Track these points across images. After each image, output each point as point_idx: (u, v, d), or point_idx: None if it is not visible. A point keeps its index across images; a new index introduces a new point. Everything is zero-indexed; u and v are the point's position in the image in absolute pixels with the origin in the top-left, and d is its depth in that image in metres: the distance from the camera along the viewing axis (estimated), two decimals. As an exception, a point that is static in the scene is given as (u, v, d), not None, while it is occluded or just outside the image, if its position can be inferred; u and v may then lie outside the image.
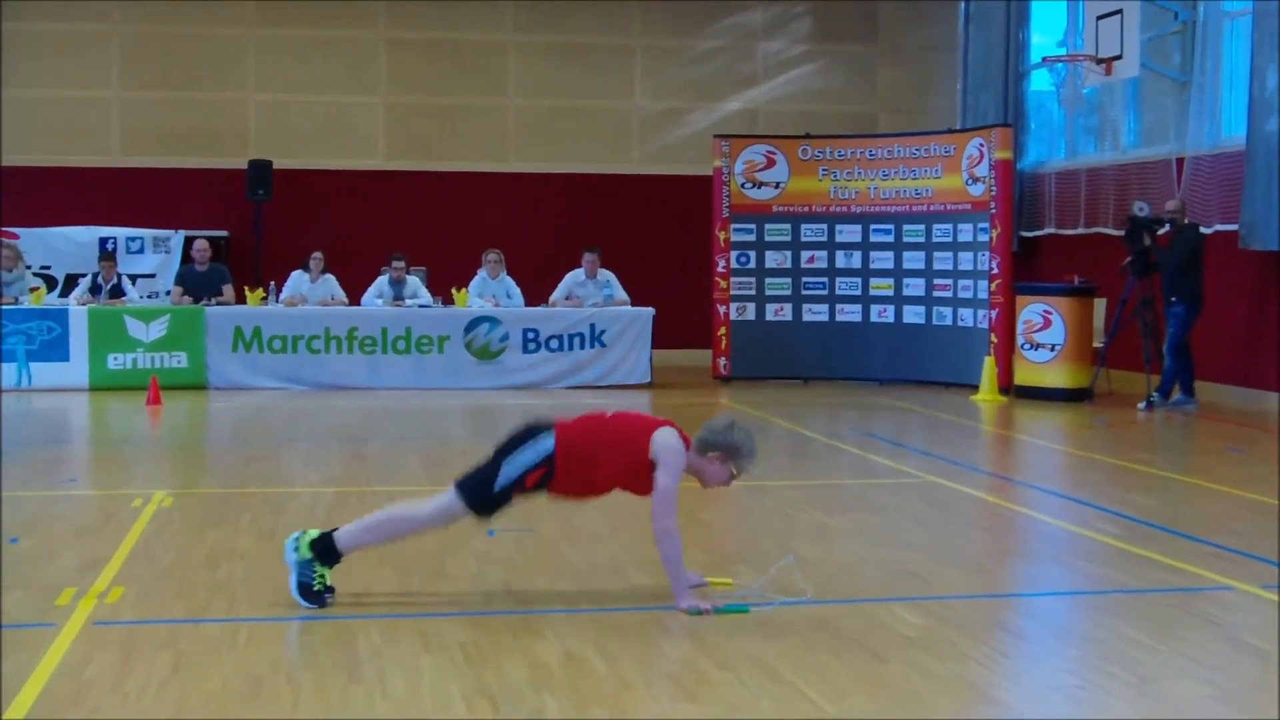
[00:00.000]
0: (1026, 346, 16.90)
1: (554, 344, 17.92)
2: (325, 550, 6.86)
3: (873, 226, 18.89)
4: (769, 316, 19.12)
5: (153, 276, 20.48)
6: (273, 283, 18.39)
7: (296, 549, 6.86)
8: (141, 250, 20.71)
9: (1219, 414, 15.39)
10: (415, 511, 6.99)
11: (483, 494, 6.83)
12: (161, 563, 7.84)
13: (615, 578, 7.50)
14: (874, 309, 18.92)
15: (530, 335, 17.88)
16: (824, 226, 19.08)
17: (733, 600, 6.92)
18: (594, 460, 6.83)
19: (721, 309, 19.04)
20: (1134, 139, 18.62)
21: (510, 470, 6.80)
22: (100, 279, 17.99)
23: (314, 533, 6.94)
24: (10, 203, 20.75)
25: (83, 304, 17.51)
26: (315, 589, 6.83)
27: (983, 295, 17.66)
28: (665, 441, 6.82)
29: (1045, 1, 20.48)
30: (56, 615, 6.64)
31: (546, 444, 6.81)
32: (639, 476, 6.85)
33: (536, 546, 8.22)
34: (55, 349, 17.06)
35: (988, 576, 8.00)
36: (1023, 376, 17.03)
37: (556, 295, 18.40)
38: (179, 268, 19.70)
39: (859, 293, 18.99)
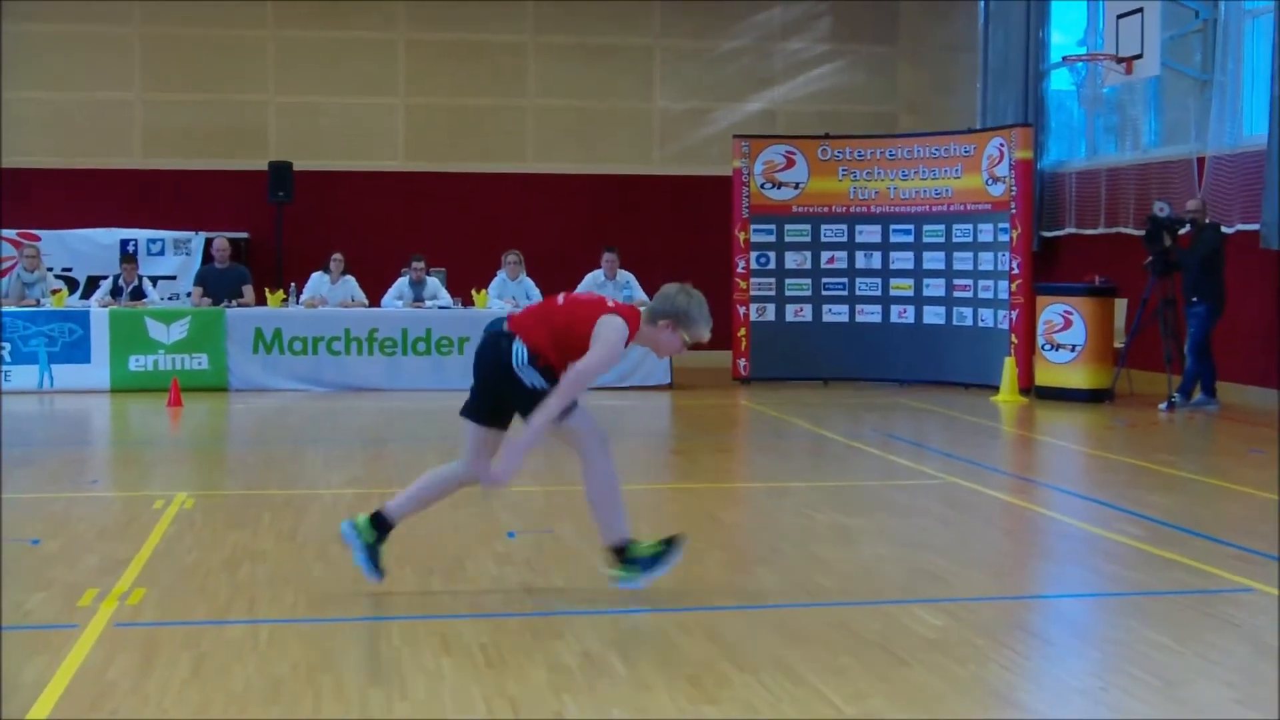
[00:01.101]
0: (1047, 347, 16.86)
1: (574, 345, 17.89)
2: (378, 523, 7.08)
3: (893, 227, 18.87)
4: (789, 317, 19.10)
5: (174, 278, 20.53)
6: (293, 284, 18.43)
7: (358, 532, 7.05)
8: (162, 252, 20.77)
9: (1241, 415, 15.33)
10: (453, 470, 7.14)
11: (539, 398, 6.76)
12: (183, 564, 7.86)
13: (635, 579, 7.49)
14: (894, 310, 18.89)
15: (550, 336, 17.85)
16: (844, 227, 19.05)
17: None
18: (554, 345, 6.79)
19: (741, 310, 19.02)
20: (1155, 138, 18.56)
21: (529, 374, 6.76)
22: (121, 281, 18.04)
23: (362, 518, 7.11)
24: (32, 205, 20.84)
25: (104, 306, 17.56)
26: (378, 562, 7.08)
27: (1003, 296, 17.63)
28: (606, 323, 6.73)
29: (1065, 1, 20.42)
30: (79, 616, 6.66)
31: (511, 338, 6.81)
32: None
33: (555, 548, 8.22)
34: (77, 351, 17.12)
35: (1008, 578, 7.98)
36: (1043, 377, 16.99)
37: (576, 296, 18.37)
38: (199, 268, 19.75)
39: (879, 293, 18.97)
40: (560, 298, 7.06)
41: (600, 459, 6.94)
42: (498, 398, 6.90)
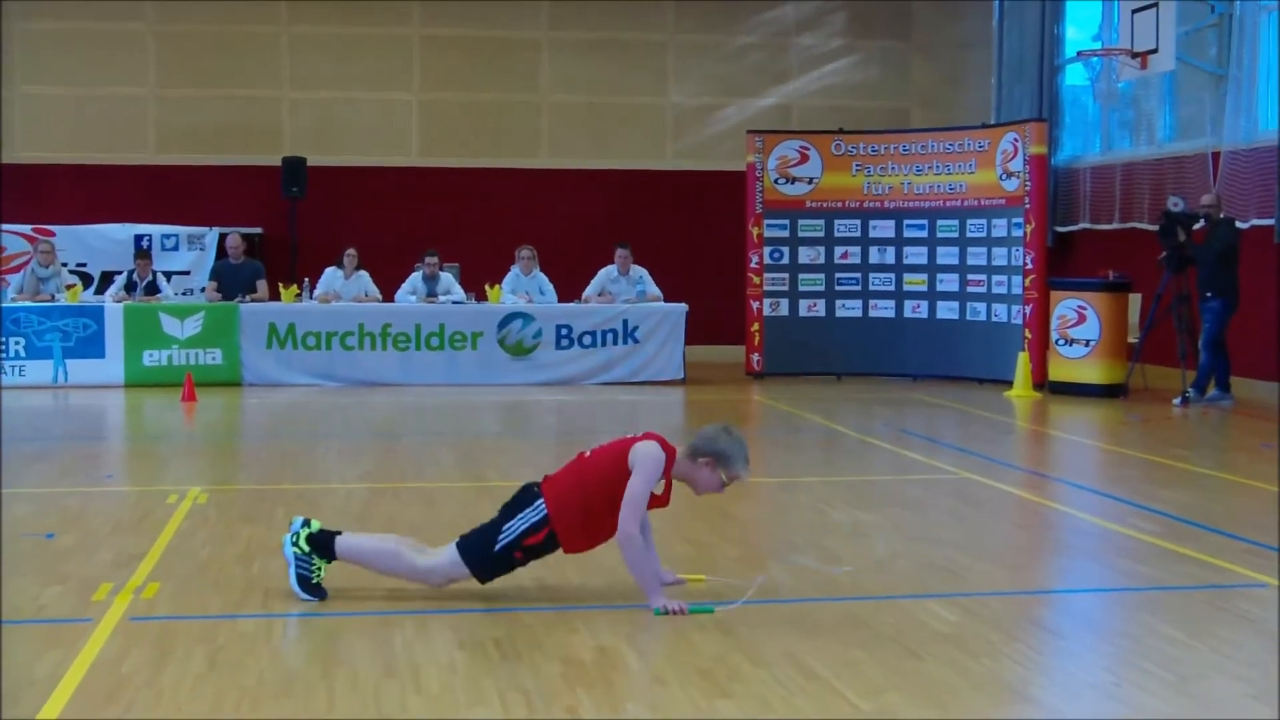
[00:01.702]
0: (1061, 342, 16.84)
1: (587, 340, 17.93)
2: (323, 547, 6.94)
3: (906, 222, 18.84)
4: (802, 312, 19.09)
5: (187, 274, 20.57)
6: (307, 279, 18.44)
7: (295, 543, 6.92)
8: (176, 248, 20.81)
9: (1255, 410, 15.30)
10: (414, 561, 6.97)
11: (483, 555, 6.85)
12: (197, 558, 7.87)
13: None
14: (908, 304, 18.87)
15: (563, 331, 17.90)
16: (857, 222, 19.03)
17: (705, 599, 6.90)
18: (589, 508, 6.80)
19: (754, 305, 19.01)
20: (1169, 133, 18.53)
21: (509, 533, 6.82)
22: (135, 276, 18.06)
23: (315, 526, 7.00)
24: (47, 200, 20.90)
25: (118, 301, 17.59)
26: (314, 581, 6.92)
27: (1017, 291, 17.60)
28: (642, 450, 6.78)
29: (1080, -4, 20.42)
30: (93, 611, 6.68)
31: (539, 507, 6.82)
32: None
33: (570, 542, 8.22)
34: (91, 346, 17.15)
35: (1022, 572, 7.98)
36: (1057, 372, 16.97)
37: (589, 291, 18.40)
38: (213, 263, 19.78)
39: (892, 288, 18.95)
40: (588, 451, 7.04)
41: (415, 573, 6.99)
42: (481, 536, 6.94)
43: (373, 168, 22.12)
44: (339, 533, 7.04)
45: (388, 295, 18.44)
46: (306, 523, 7.02)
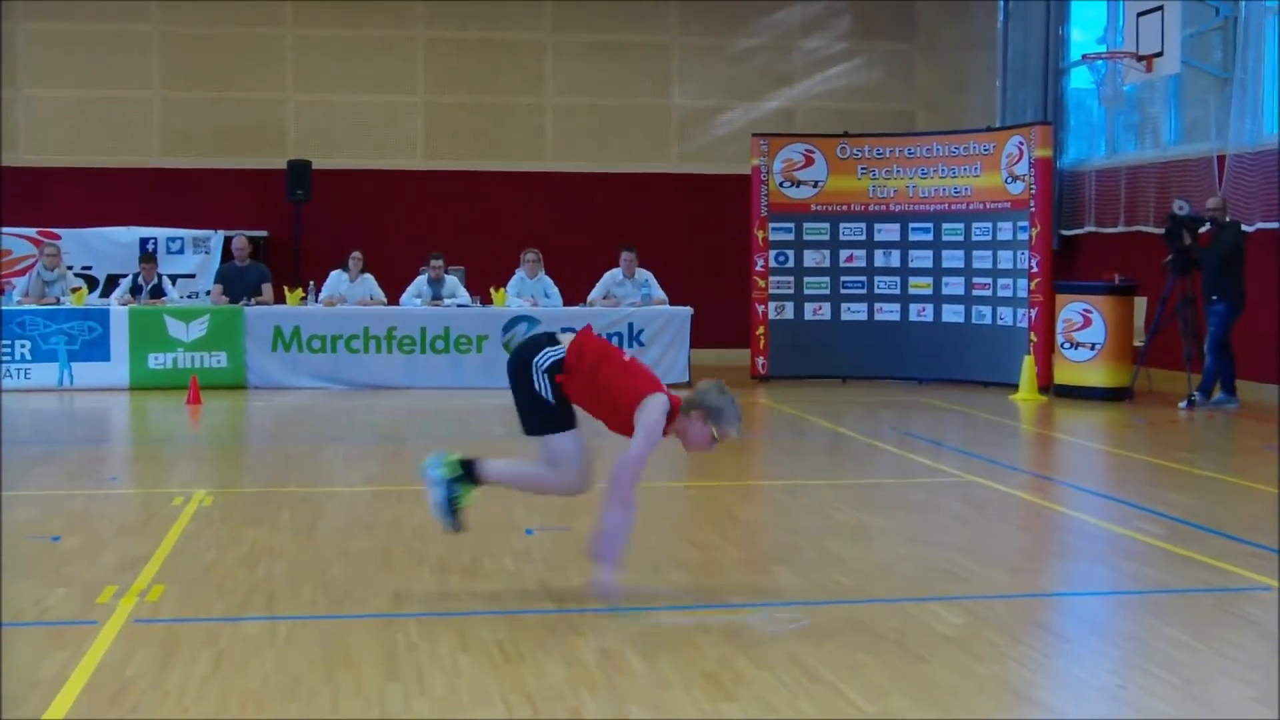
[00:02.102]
0: (1066, 345, 16.83)
1: (592, 343, 17.89)
2: (471, 473, 7.04)
3: (911, 225, 18.84)
4: (807, 316, 19.09)
5: (193, 277, 20.59)
6: (312, 282, 18.46)
7: (441, 465, 6.99)
8: (182, 251, 20.82)
9: (1260, 413, 15.28)
10: (543, 479, 7.13)
11: (547, 414, 6.93)
12: (202, 561, 7.88)
13: (653, 576, 7.49)
14: (913, 308, 18.86)
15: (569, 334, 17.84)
16: (862, 225, 19.03)
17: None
18: (594, 380, 6.88)
19: (760, 308, 19.00)
20: (1175, 136, 18.51)
21: (540, 377, 6.90)
22: (141, 279, 18.08)
23: (457, 455, 7.07)
24: (52, 203, 20.93)
25: (123, 304, 17.60)
26: (456, 507, 7.01)
27: (1022, 294, 17.59)
28: (650, 407, 6.80)
29: (1085, -2, 20.42)
30: (98, 613, 6.68)
31: (559, 349, 6.95)
32: (623, 424, 6.91)
33: (573, 544, 8.21)
34: (96, 349, 17.16)
35: (1027, 576, 7.97)
36: (1062, 375, 16.96)
37: (595, 294, 18.40)
38: (219, 265, 19.80)
39: (898, 292, 18.94)
40: (627, 354, 7.14)
41: (551, 485, 7.14)
42: (521, 389, 6.99)
43: (378, 170, 22.14)
44: (478, 459, 7.12)
45: (393, 298, 18.44)
46: (435, 462, 7.07)
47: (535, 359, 6.89)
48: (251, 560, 7.87)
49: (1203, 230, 15.90)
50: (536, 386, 6.86)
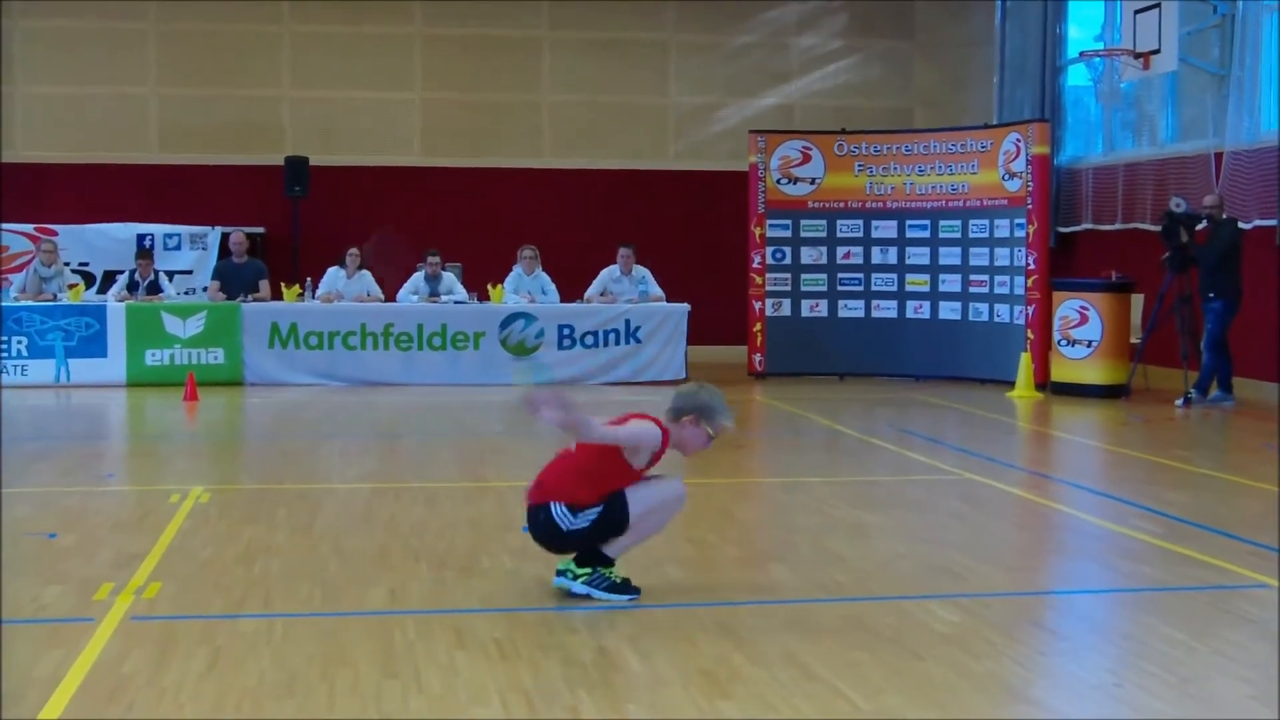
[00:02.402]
0: (1063, 343, 16.83)
1: (589, 340, 17.92)
2: (594, 557, 6.94)
3: (909, 222, 18.84)
4: (804, 312, 19.08)
5: (189, 273, 20.57)
6: (309, 279, 18.44)
7: (573, 577, 6.93)
8: (179, 247, 20.80)
9: (1257, 410, 15.29)
10: (663, 509, 7.04)
11: (612, 522, 6.88)
12: (198, 558, 7.87)
13: (649, 573, 7.48)
14: (910, 305, 18.86)
15: (565, 331, 17.89)
16: (860, 222, 19.03)
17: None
18: (580, 470, 6.87)
19: (757, 305, 19.00)
20: (1172, 134, 18.51)
21: (581, 526, 6.85)
22: (137, 276, 18.06)
23: (566, 563, 7.00)
24: (49, 200, 20.90)
25: (120, 300, 17.59)
26: (619, 581, 6.93)
27: (1019, 291, 17.59)
28: (645, 426, 6.86)
29: (1082, -4, 20.42)
30: (94, 610, 6.67)
31: (545, 509, 6.87)
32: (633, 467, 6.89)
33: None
34: (93, 345, 17.15)
35: (1024, 573, 7.97)
36: (1059, 373, 16.96)
37: (591, 291, 18.39)
38: (216, 262, 19.79)
39: (895, 289, 18.93)
40: (572, 445, 7.02)
41: (664, 515, 7.07)
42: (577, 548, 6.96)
43: (375, 167, 22.12)
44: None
45: (390, 295, 18.43)
46: (561, 573, 7.01)
47: (564, 528, 6.84)
48: (248, 557, 7.87)
49: (1200, 228, 15.90)
50: (587, 527, 6.84)
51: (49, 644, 6.11)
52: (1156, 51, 17.00)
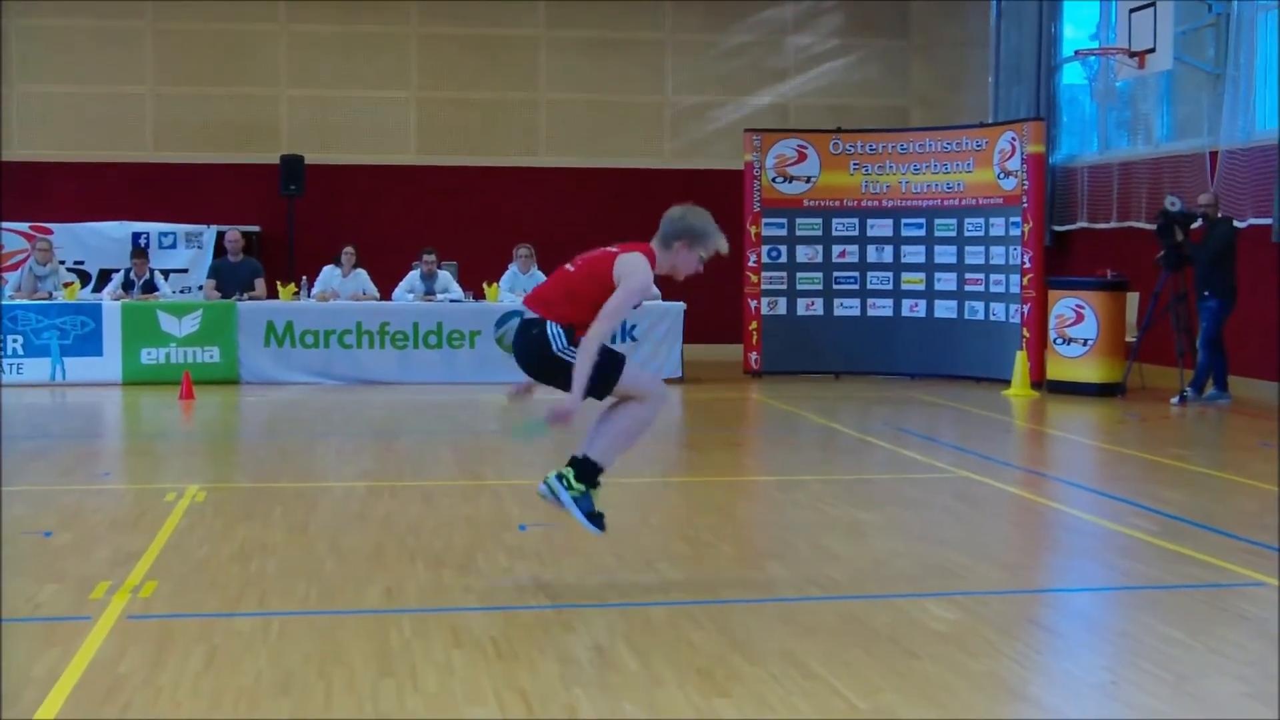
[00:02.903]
0: (1059, 341, 16.84)
1: (585, 338, 17.88)
2: (589, 475, 6.96)
3: (904, 221, 18.84)
4: (800, 311, 19.09)
5: (185, 272, 20.56)
6: (305, 277, 18.43)
7: (568, 486, 6.92)
8: (174, 245, 20.79)
9: (1252, 409, 15.30)
10: (640, 419, 7.02)
11: (605, 370, 6.84)
12: (195, 557, 7.87)
13: (646, 572, 7.49)
14: (905, 303, 18.87)
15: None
16: (855, 221, 19.03)
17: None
18: (574, 298, 6.90)
19: (753, 303, 19.01)
20: (1167, 132, 18.52)
21: (568, 354, 6.85)
22: (133, 274, 18.06)
23: (567, 469, 6.98)
24: (45, 198, 20.88)
25: (116, 299, 17.58)
26: (597, 514, 6.97)
27: (1015, 290, 17.60)
28: (627, 264, 6.84)
29: (1078, -5, 20.43)
30: (91, 609, 6.67)
31: (546, 327, 6.94)
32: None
33: (566, 541, 8.21)
34: (89, 344, 17.15)
35: (1020, 572, 7.97)
36: (1055, 371, 16.97)
37: (587, 290, 18.34)
38: (211, 261, 19.79)
39: (890, 287, 18.94)
40: (571, 264, 7.09)
41: (649, 410, 7.01)
42: (556, 377, 6.93)
43: (371, 166, 22.12)
44: (583, 458, 7.00)
45: (385, 293, 18.43)
46: (560, 476, 6.99)
47: (554, 348, 6.86)
48: (244, 556, 7.86)
49: (1195, 226, 15.91)
50: (569, 359, 6.81)
51: (45, 643, 6.11)
52: (1151, 50, 17.01)
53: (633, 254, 6.86)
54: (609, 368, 6.81)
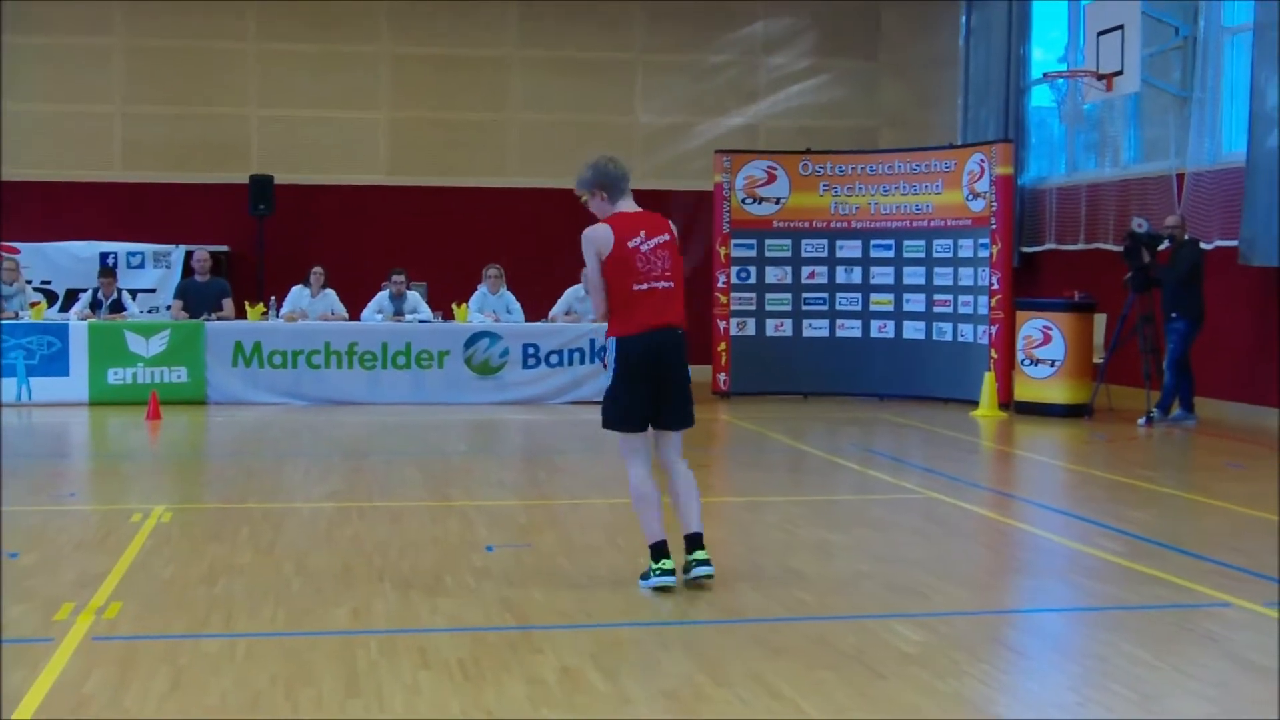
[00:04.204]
0: (1026, 362, 16.89)
1: (554, 359, 17.91)
2: (658, 553, 7.56)
3: (873, 242, 18.88)
4: (769, 332, 19.11)
5: (153, 291, 20.51)
6: (273, 297, 18.39)
7: (667, 577, 7.53)
8: (142, 265, 20.73)
9: (1219, 430, 15.38)
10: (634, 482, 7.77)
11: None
12: (160, 578, 7.83)
13: (614, 592, 7.49)
14: (874, 324, 18.90)
15: (530, 350, 17.87)
16: (824, 242, 19.07)
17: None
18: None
19: (721, 324, 19.02)
20: (1134, 154, 18.63)
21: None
22: (100, 294, 17.99)
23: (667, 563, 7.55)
24: (11, 217, 20.78)
25: (83, 319, 17.51)
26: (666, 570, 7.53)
27: (983, 311, 17.66)
28: (583, 238, 7.84)
29: (1046, 17, 20.51)
30: (55, 630, 6.63)
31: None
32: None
33: (535, 561, 8.21)
34: (55, 364, 17.06)
35: (987, 592, 7.99)
36: (1023, 392, 17.02)
37: (556, 310, 18.38)
38: (179, 281, 19.73)
39: (859, 308, 18.98)
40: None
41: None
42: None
43: (340, 186, 22.10)
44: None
45: (354, 314, 18.40)
46: (646, 575, 7.57)
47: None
48: (211, 577, 7.83)
49: (1162, 248, 16.00)
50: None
51: (10, 664, 6.07)
52: (1119, 73, 17.13)
53: (586, 230, 7.93)
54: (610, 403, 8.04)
